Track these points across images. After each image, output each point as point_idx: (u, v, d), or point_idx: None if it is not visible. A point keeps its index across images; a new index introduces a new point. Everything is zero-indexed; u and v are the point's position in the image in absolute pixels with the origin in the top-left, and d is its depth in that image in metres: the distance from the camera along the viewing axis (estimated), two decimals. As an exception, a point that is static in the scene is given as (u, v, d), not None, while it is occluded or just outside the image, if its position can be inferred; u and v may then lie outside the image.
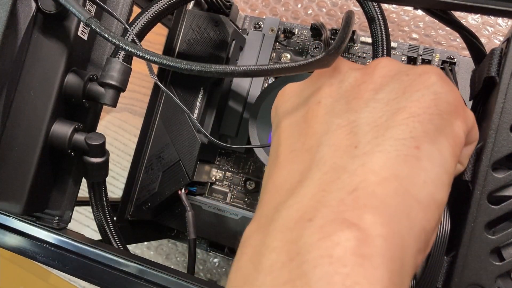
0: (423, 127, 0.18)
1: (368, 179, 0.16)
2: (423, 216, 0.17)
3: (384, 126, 0.18)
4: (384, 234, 0.15)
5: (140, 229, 0.45)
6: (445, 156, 0.18)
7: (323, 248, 0.15)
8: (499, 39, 0.49)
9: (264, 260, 0.16)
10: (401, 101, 0.19)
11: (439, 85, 0.19)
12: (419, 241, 0.17)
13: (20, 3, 0.28)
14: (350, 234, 0.15)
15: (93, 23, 0.26)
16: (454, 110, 0.19)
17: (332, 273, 0.14)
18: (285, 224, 0.16)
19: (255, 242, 0.17)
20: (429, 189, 0.17)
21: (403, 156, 0.17)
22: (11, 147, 0.29)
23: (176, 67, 0.24)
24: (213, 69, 0.23)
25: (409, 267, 0.16)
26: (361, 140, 0.18)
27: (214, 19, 0.41)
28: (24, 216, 0.30)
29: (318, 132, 0.20)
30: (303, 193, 0.17)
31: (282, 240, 0.16)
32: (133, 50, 0.25)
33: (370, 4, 0.32)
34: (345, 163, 0.17)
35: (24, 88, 0.29)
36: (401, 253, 0.15)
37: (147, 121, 0.42)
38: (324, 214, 0.16)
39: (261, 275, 0.15)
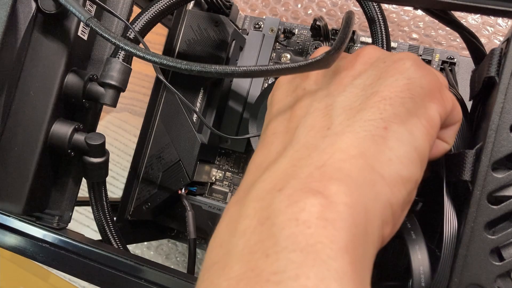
0: (393, 109, 0.19)
1: (336, 156, 0.18)
2: (388, 190, 0.18)
3: (356, 109, 0.19)
4: (348, 202, 0.16)
5: (140, 229, 0.45)
6: (416, 136, 0.19)
7: (290, 213, 0.16)
8: (499, 39, 0.49)
9: (238, 226, 0.17)
10: (375, 86, 0.20)
11: (413, 70, 0.20)
12: (384, 214, 0.18)
13: (20, 3, 0.28)
14: (315, 201, 0.16)
15: (93, 23, 0.26)
16: (429, 93, 0.20)
17: (298, 233, 0.16)
18: (258, 195, 0.18)
19: (232, 212, 0.19)
20: (395, 166, 0.18)
21: (371, 136, 0.18)
22: (11, 147, 0.29)
23: (176, 67, 0.24)
24: (213, 70, 0.23)
25: (373, 235, 0.17)
26: (333, 122, 0.19)
27: (214, 19, 0.41)
28: (24, 216, 0.30)
29: (299, 116, 0.21)
30: (276, 168, 0.19)
31: (254, 208, 0.17)
32: (133, 50, 0.25)
33: (370, 4, 0.32)
34: (317, 142, 0.19)
35: (24, 88, 0.29)
36: (364, 221, 0.17)
37: (147, 121, 0.42)
38: (292, 185, 0.17)
39: (235, 238, 0.17)
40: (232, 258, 0.16)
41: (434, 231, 0.24)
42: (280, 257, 0.15)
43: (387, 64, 0.21)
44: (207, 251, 0.18)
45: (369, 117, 0.19)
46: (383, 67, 0.21)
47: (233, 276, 0.16)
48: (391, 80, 0.20)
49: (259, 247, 0.16)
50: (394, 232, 0.20)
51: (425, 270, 0.22)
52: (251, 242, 0.16)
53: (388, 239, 0.19)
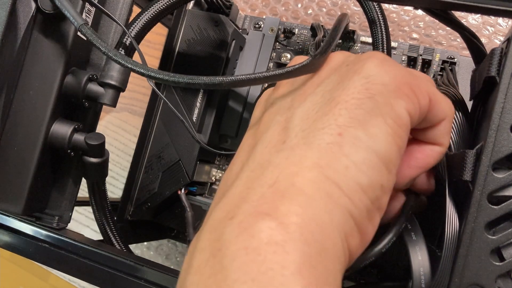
0: (349, 113, 0.18)
1: (289, 170, 0.17)
2: (346, 200, 0.17)
3: (312, 118, 0.18)
4: (298, 222, 0.16)
5: (140, 229, 0.45)
6: (377, 139, 0.18)
7: (240, 241, 0.16)
8: (499, 39, 0.49)
9: (193, 261, 0.17)
10: (333, 91, 0.19)
11: (372, 68, 0.19)
12: (345, 226, 0.17)
13: (20, 3, 0.28)
14: (264, 225, 0.16)
15: (85, 30, 0.26)
16: (394, 90, 0.18)
17: (248, 262, 0.15)
18: (212, 225, 0.17)
19: (191, 248, 0.18)
20: (351, 174, 0.17)
21: (325, 145, 0.17)
22: (11, 147, 0.29)
23: (163, 80, 0.23)
24: (201, 81, 0.22)
25: (334, 250, 0.16)
26: (289, 135, 0.18)
27: (214, 19, 0.41)
28: (24, 216, 0.30)
29: (260, 132, 0.20)
30: (231, 193, 0.18)
31: (208, 240, 0.17)
32: (121, 61, 0.25)
33: (371, 4, 0.32)
34: (271, 157, 0.18)
35: (23, 88, 0.29)
36: (320, 237, 0.16)
37: (147, 121, 0.42)
38: (244, 210, 0.16)
39: (190, 276, 0.16)
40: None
41: (434, 231, 0.24)
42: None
43: (348, 67, 0.20)
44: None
45: (322, 125, 0.18)
46: (345, 70, 0.20)
47: None
48: (347, 83, 0.19)
49: (212, 282, 0.15)
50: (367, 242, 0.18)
51: (425, 271, 0.22)
52: (204, 277, 0.16)
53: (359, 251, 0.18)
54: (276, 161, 0.18)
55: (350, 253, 0.18)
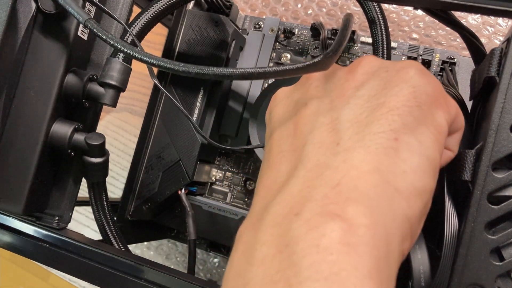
0: (402, 119, 0.18)
1: (350, 174, 0.17)
2: (405, 204, 0.17)
3: (364, 122, 0.19)
4: (367, 224, 0.16)
5: (140, 229, 0.45)
6: (426, 145, 0.18)
7: (310, 239, 0.16)
8: (499, 39, 0.49)
9: (255, 253, 0.17)
10: (380, 97, 0.19)
11: (417, 78, 0.19)
12: (403, 229, 0.17)
13: (20, 3, 0.28)
14: (335, 225, 0.16)
15: (91, 24, 0.26)
16: (434, 100, 0.19)
17: (320, 261, 0.15)
18: (274, 220, 0.17)
19: (247, 239, 0.18)
20: (409, 178, 0.18)
21: (382, 149, 0.18)
22: (11, 147, 0.29)
23: (174, 69, 0.23)
24: (210, 72, 0.23)
25: (395, 254, 0.17)
26: (342, 137, 0.19)
27: (214, 19, 0.41)
28: (24, 216, 0.30)
29: (304, 132, 0.21)
30: (289, 190, 0.18)
31: (272, 235, 0.17)
32: (131, 52, 0.25)
33: (371, 4, 0.32)
34: (328, 159, 0.18)
35: (24, 88, 0.29)
36: (386, 241, 0.16)
37: (147, 121, 0.42)
38: (309, 208, 0.17)
39: (254, 268, 0.16)
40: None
41: (434, 231, 0.24)
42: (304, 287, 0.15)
43: (390, 73, 0.20)
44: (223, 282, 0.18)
45: (378, 130, 0.18)
46: (386, 76, 0.20)
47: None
48: (396, 89, 0.19)
49: (281, 277, 0.15)
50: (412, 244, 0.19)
51: (425, 270, 0.22)
52: (271, 271, 0.16)
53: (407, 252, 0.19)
54: (335, 164, 0.18)
55: (403, 256, 0.18)
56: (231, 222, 0.41)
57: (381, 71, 0.21)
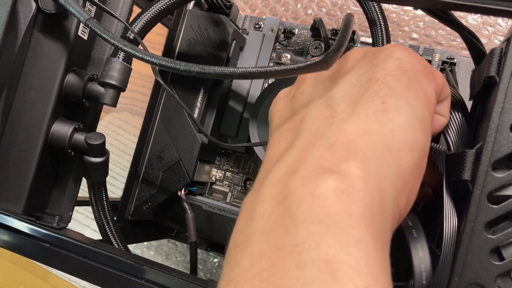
0: (388, 86, 0.20)
1: (343, 137, 0.19)
2: (396, 159, 0.19)
3: (355, 96, 0.20)
4: (360, 175, 0.17)
5: (140, 229, 0.45)
6: (414, 106, 0.20)
7: (306, 190, 0.17)
8: (499, 39, 0.49)
9: (256, 210, 0.18)
10: (368, 73, 0.21)
11: (401, 52, 0.21)
12: (396, 184, 0.18)
13: (20, 3, 0.28)
14: (329, 177, 0.17)
15: (92, 23, 0.26)
16: (420, 69, 0.21)
17: (315, 207, 0.16)
18: (273, 181, 0.19)
19: (249, 202, 0.19)
20: (398, 136, 0.19)
21: (372, 113, 0.19)
22: (11, 146, 0.29)
23: (175, 68, 0.24)
24: (212, 71, 0.23)
25: (389, 205, 0.18)
26: (336, 110, 0.20)
27: (214, 19, 0.41)
28: (24, 216, 0.30)
29: (301, 113, 0.22)
30: (287, 157, 0.20)
31: (271, 193, 0.18)
32: (132, 51, 0.25)
33: (371, 4, 0.32)
34: (323, 129, 0.20)
35: (24, 88, 0.29)
36: (379, 191, 0.17)
37: (147, 121, 0.42)
38: (306, 167, 0.18)
39: (254, 222, 0.18)
40: (253, 238, 0.17)
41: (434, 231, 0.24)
42: (300, 230, 0.16)
43: (376, 54, 0.22)
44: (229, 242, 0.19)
45: (367, 99, 0.20)
46: (373, 57, 0.22)
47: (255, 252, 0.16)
48: (382, 65, 0.21)
49: (279, 224, 0.17)
50: (411, 204, 0.20)
51: (427, 268, 0.22)
52: (270, 221, 0.17)
53: (405, 211, 0.20)
54: (329, 132, 0.19)
55: (400, 212, 0.19)
56: (231, 222, 0.41)
57: (368, 54, 0.22)
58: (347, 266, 0.15)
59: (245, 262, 0.16)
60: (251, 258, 0.16)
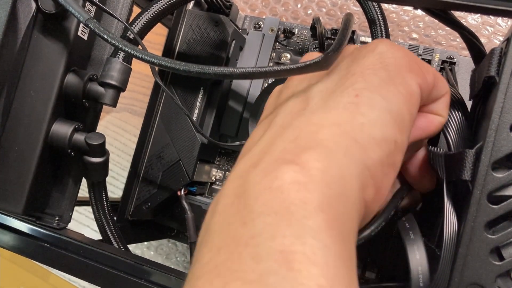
0: (365, 79, 0.20)
1: (308, 128, 0.19)
2: (363, 153, 0.18)
3: (331, 89, 0.20)
4: (319, 167, 0.17)
5: (140, 229, 0.45)
6: (390, 101, 0.19)
7: (264, 182, 0.17)
8: (499, 39, 0.49)
9: (217, 206, 0.18)
10: (350, 68, 0.21)
11: (383, 46, 0.21)
12: (362, 176, 0.18)
13: (20, 3, 0.28)
14: (287, 168, 0.17)
15: (92, 23, 0.26)
16: (405, 64, 0.20)
17: (272, 199, 0.16)
18: (235, 175, 0.19)
19: (216, 198, 0.19)
20: (367, 129, 0.19)
21: (343, 105, 0.19)
22: (11, 147, 0.29)
23: (175, 69, 0.24)
24: (211, 71, 0.23)
25: (353, 197, 0.18)
26: (309, 103, 0.20)
27: (214, 19, 0.41)
28: (24, 216, 0.30)
29: (281, 106, 0.22)
30: (254, 150, 0.20)
31: (232, 187, 0.18)
32: (131, 51, 0.25)
33: (371, 4, 0.32)
34: (292, 120, 0.20)
35: (24, 88, 0.29)
36: (340, 182, 0.17)
37: (147, 121, 0.42)
38: (267, 159, 0.18)
39: (215, 217, 0.18)
40: (212, 233, 0.17)
41: (434, 231, 0.24)
42: (256, 222, 0.16)
43: (359, 50, 0.22)
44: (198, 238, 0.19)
45: (342, 91, 0.20)
46: (357, 53, 0.22)
47: (214, 246, 0.17)
48: (363, 60, 0.21)
49: (236, 218, 0.17)
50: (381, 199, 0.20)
51: (423, 270, 0.22)
52: (229, 215, 0.17)
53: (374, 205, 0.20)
54: (297, 123, 0.19)
55: (366, 204, 0.19)
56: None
57: (354, 51, 0.22)
58: (303, 256, 0.15)
59: (205, 257, 0.17)
60: (210, 252, 0.16)
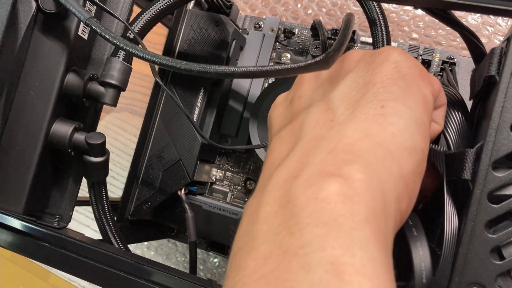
0: (387, 90, 0.20)
1: (343, 141, 0.19)
2: (397, 163, 0.19)
3: (354, 99, 0.21)
4: (362, 178, 0.17)
5: (140, 229, 0.45)
6: (413, 109, 0.20)
7: (309, 193, 0.17)
8: (499, 39, 0.49)
9: (259, 214, 0.18)
10: (366, 77, 0.21)
11: (397, 55, 0.21)
12: (398, 187, 0.19)
13: (20, 2, 0.28)
14: (332, 180, 0.17)
15: (92, 23, 0.26)
16: (418, 73, 0.21)
17: (319, 210, 0.16)
18: (276, 185, 0.19)
19: (252, 206, 0.19)
20: (398, 139, 0.19)
21: (371, 117, 0.19)
22: (11, 146, 0.29)
23: (176, 68, 0.24)
24: (212, 70, 0.23)
25: (391, 208, 0.18)
26: (335, 113, 0.21)
27: (214, 19, 0.41)
28: (24, 216, 0.30)
29: (301, 117, 0.22)
30: (289, 161, 0.20)
31: (274, 196, 0.18)
32: (132, 50, 0.25)
33: (371, 4, 0.32)
34: (324, 133, 0.20)
35: (24, 88, 0.29)
36: (381, 195, 0.18)
37: (147, 121, 0.42)
38: (308, 171, 0.18)
39: (258, 225, 0.18)
40: (257, 241, 0.17)
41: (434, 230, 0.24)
42: (304, 232, 0.16)
43: (373, 57, 0.22)
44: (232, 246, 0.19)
45: (366, 102, 0.20)
46: (370, 60, 0.22)
47: (260, 255, 0.16)
48: (379, 68, 0.21)
49: (283, 228, 0.17)
50: (411, 207, 0.20)
51: (427, 267, 0.22)
52: (274, 225, 0.17)
53: (406, 215, 0.20)
54: (330, 135, 0.19)
55: (401, 215, 0.19)
56: (231, 222, 0.41)
57: (365, 56, 0.22)
58: (353, 268, 0.15)
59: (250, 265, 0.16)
60: (256, 260, 0.16)
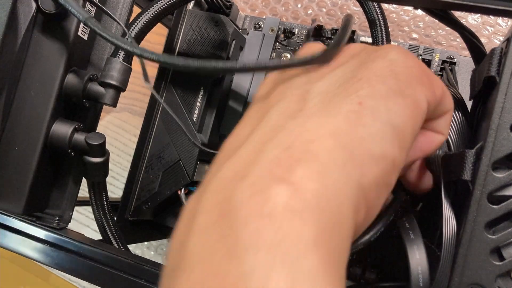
0: (372, 87, 0.18)
1: (303, 136, 0.16)
2: (359, 171, 0.16)
3: (333, 92, 0.18)
4: (315, 189, 0.15)
5: (140, 229, 0.45)
6: (395, 113, 0.17)
7: (254, 204, 0.15)
8: (499, 39, 0.49)
9: (196, 221, 0.16)
10: (356, 72, 0.19)
11: (395, 53, 0.19)
12: (356, 198, 0.16)
13: (20, 3, 0.28)
14: (280, 189, 0.15)
15: (92, 22, 0.26)
16: (416, 75, 0.19)
17: (262, 229, 0.14)
18: (218, 185, 0.17)
19: (191, 207, 0.17)
20: (366, 144, 0.17)
21: (344, 113, 0.17)
22: (11, 147, 0.29)
23: (174, 64, 0.24)
24: (212, 66, 0.23)
25: (347, 224, 0.16)
26: (307, 104, 0.18)
27: (214, 19, 0.41)
28: (24, 216, 0.30)
29: (273, 101, 0.20)
30: (240, 154, 0.17)
31: (215, 201, 0.16)
32: (131, 49, 0.25)
33: (371, 4, 0.32)
34: (285, 123, 0.18)
35: (24, 88, 0.29)
36: (335, 208, 0.15)
37: (147, 121, 0.42)
38: (256, 171, 0.16)
39: (194, 237, 0.16)
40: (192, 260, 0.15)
41: (434, 231, 0.24)
42: (246, 259, 0.14)
43: (368, 53, 0.20)
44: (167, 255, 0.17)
45: (344, 97, 0.18)
46: (365, 56, 0.20)
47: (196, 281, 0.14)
48: (371, 64, 0.19)
49: (222, 246, 0.15)
50: (368, 222, 0.18)
51: (423, 270, 0.22)
52: (211, 240, 0.15)
53: (361, 229, 0.18)
54: (291, 127, 0.17)
55: (356, 229, 0.17)
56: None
57: (361, 53, 0.21)
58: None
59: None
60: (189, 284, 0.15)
